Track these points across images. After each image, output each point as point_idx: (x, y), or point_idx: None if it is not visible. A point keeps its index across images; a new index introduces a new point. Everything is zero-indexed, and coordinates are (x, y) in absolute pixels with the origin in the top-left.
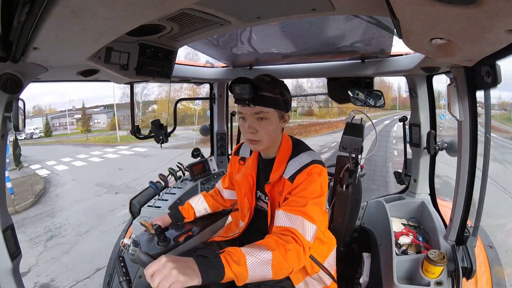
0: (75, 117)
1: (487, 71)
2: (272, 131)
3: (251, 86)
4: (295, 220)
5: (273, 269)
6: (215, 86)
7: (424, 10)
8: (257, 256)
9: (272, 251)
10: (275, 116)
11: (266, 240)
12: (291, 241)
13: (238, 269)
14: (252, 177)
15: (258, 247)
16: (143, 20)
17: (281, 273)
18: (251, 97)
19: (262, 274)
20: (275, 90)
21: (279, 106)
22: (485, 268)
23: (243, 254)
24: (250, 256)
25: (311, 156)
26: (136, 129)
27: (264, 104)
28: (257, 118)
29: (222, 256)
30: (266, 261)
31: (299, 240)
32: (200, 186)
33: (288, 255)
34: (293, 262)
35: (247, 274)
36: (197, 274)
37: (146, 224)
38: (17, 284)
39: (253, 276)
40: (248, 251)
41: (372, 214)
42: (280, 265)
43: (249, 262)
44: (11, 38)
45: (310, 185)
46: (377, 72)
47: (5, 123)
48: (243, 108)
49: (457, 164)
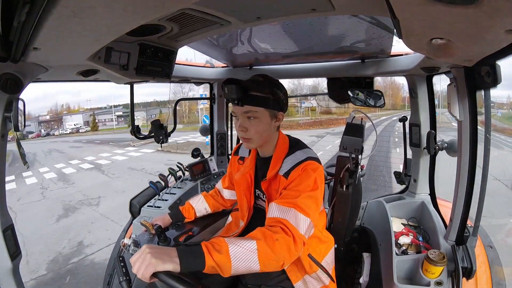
0: (116, 114)
1: (487, 71)
2: (262, 130)
3: (238, 86)
4: (287, 212)
5: (260, 259)
6: (215, 86)
7: (424, 10)
8: (240, 245)
9: (257, 240)
10: (265, 115)
11: (253, 232)
12: (279, 231)
13: (219, 258)
14: (250, 176)
15: (244, 238)
16: (143, 20)
17: (270, 265)
18: (239, 96)
19: (248, 265)
20: (265, 90)
21: (270, 105)
22: (485, 268)
23: (226, 243)
24: (232, 245)
25: (306, 154)
26: (136, 129)
27: (253, 103)
28: (247, 117)
29: (203, 244)
30: (251, 250)
31: (288, 231)
32: (200, 186)
33: (276, 245)
34: (282, 253)
35: (229, 263)
36: (174, 261)
37: (146, 224)
38: (17, 284)
39: (237, 266)
40: (231, 240)
41: (372, 214)
42: (267, 255)
43: (232, 251)
44: (11, 38)
45: (304, 180)
46: (377, 72)
47: (5, 123)
48: (235, 108)
49: (457, 164)
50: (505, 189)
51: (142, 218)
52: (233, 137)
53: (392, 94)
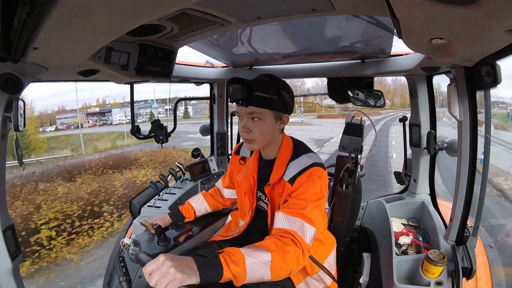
0: (164, 108)
1: (487, 71)
2: (266, 132)
3: (244, 86)
4: (295, 222)
5: (271, 270)
6: (215, 86)
7: (424, 10)
8: (256, 257)
9: (271, 252)
10: (270, 117)
11: (265, 242)
12: (290, 243)
13: (236, 270)
14: (253, 178)
15: (258, 248)
16: (143, 20)
17: (280, 275)
18: (244, 97)
19: (260, 275)
20: (271, 91)
21: (275, 107)
22: (485, 268)
23: (242, 255)
24: (249, 257)
25: (311, 159)
26: (136, 129)
27: (258, 104)
28: (251, 118)
29: (221, 256)
30: (265, 262)
31: (298, 243)
32: (200, 186)
33: (287, 257)
34: (292, 264)
35: (245, 275)
36: (195, 273)
37: (146, 224)
38: (17, 284)
39: (251, 277)
40: (247, 252)
41: (372, 214)
42: (279, 267)
43: (248, 263)
44: (11, 38)
45: (310, 188)
46: (377, 72)
47: (5, 123)
48: (239, 108)
49: (457, 164)
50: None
51: (142, 218)
52: (233, 137)
53: (401, 94)
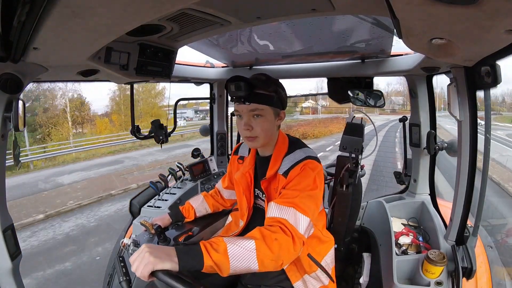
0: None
1: (487, 71)
2: (268, 128)
3: (246, 84)
4: (286, 211)
5: (258, 259)
6: (215, 86)
7: (424, 10)
8: (239, 244)
9: (255, 240)
10: (270, 113)
11: (251, 232)
12: (278, 231)
13: (218, 257)
14: (250, 175)
15: (242, 237)
16: (143, 20)
17: (269, 264)
18: (246, 94)
19: (246, 265)
20: (270, 88)
21: (274, 104)
22: (485, 268)
23: (224, 242)
24: (231, 244)
25: (305, 153)
26: (136, 129)
27: (259, 101)
28: (252, 115)
29: (202, 243)
30: (249, 249)
31: (288, 231)
32: (200, 186)
33: (274, 245)
34: (281, 253)
35: (228, 263)
36: (172, 259)
37: (146, 224)
38: (17, 284)
39: (236, 266)
40: (230, 240)
41: (372, 214)
42: (266, 255)
43: (230, 250)
44: (11, 38)
45: (304, 179)
46: (377, 72)
47: (5, 123)
48: (239, 106)
49: (457, 164)
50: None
51: (142, 218)
52: (233, 137)
53: (407, 95)
